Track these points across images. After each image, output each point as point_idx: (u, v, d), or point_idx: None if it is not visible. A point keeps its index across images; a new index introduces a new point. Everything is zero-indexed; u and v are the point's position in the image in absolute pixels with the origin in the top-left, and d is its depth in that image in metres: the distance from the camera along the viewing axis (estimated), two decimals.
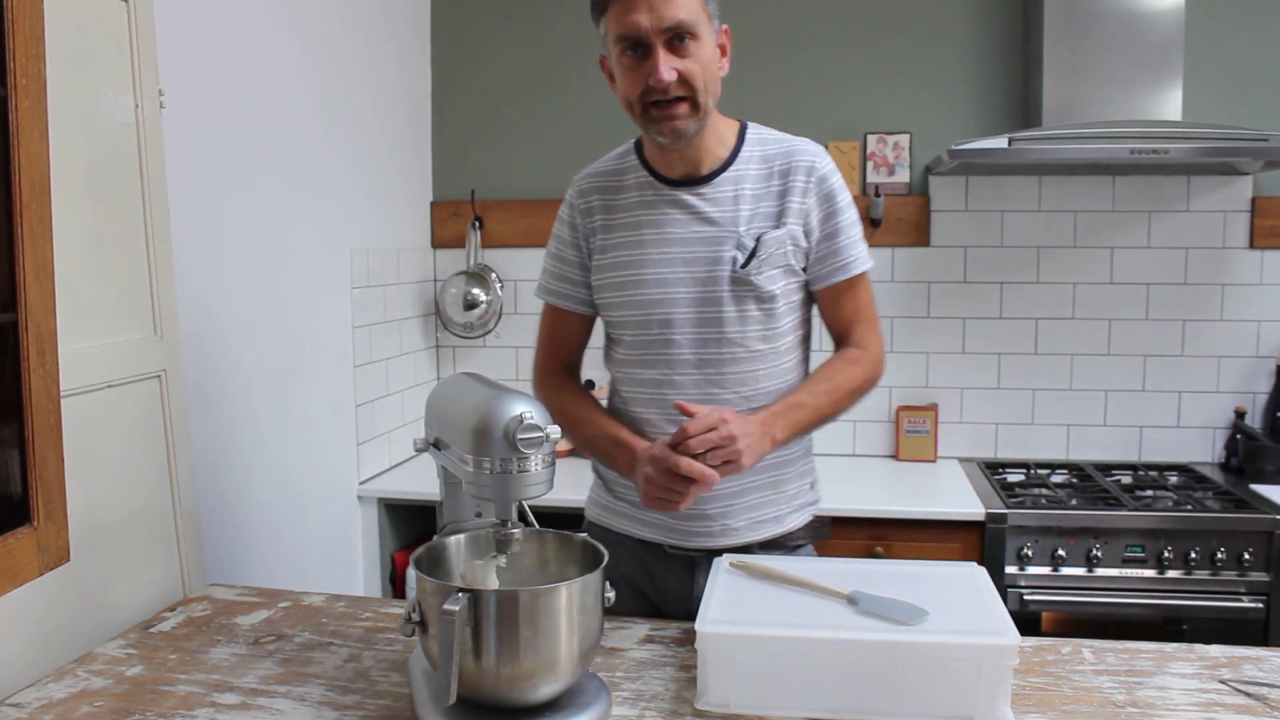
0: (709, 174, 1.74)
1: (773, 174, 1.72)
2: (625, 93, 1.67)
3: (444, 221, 3.42)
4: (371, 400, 2.96)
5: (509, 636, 1.24)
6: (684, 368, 1.72)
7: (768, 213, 1.71)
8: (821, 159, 1.74)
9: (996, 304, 3.18)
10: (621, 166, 1.82)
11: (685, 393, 1.71)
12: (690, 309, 1.71)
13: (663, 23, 1.58)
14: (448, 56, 3.39)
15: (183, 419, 1.87)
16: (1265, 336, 3.08)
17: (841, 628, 1.36)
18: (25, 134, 1.19)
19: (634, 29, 1.59)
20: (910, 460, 3.17)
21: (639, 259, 1.74)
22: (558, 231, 1.86)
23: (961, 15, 3.15)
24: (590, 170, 1.86)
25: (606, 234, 1.79)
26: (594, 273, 1.80)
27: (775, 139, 1.77)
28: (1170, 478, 2.98)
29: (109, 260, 1.70)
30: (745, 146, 1.75)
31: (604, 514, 1.87)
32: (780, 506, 1.78)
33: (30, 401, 1.23)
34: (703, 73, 1.62)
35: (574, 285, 1.84)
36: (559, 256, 1.86)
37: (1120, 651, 1.54)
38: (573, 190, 1.85)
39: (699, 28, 1.61)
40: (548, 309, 1.89)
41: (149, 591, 1.77)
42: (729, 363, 1.72)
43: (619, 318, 1.79)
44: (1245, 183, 3.04)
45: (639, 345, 1.76)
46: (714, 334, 1.71)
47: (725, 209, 1.71)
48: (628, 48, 1.62)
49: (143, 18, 1.76)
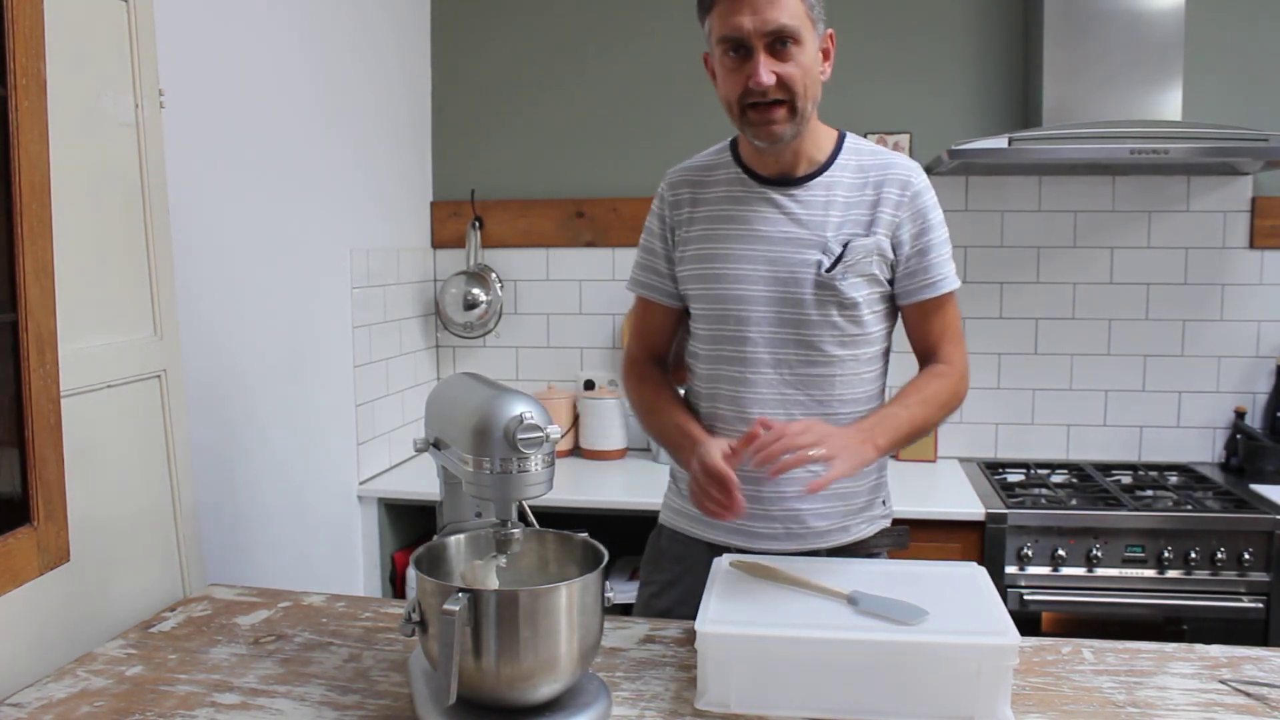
0: (802, 177, 1.74)
1: (867, 184, 1.73)
2: (725, 93, 1.68)
3: (444, 221, 3.42)
4: (371, 400, 2.96)
5: (509, 636, 1.24)
6: (759, 366, 1.73)
7: (858, 220, 1.71)
8: (918, 175, 1.75)
9: (996, 304, 3.18)
10: (715, 162, 1.83)
11: (759, 392, 1.73)
12: (769, 308, 1.72)
13: (765, 25, 1.59)
14: (448, 56, 3.39)
15: (183, 419, 1.87)
16: (1265, 336, 3.08)
17: (842, 628, 1.36)
18: (25, 134, 1.19)
19: (737, 30, 1.60)
20: (910, 460, 3.17)
21: (722, 253, 1.75)
22: (648, 224, 1.88)
23: (961, 15, 3.15)
24: (683, 165, 1.87)
25: (692, 226, 1.80)
26: (678, 262, 1.82)
27: (872, 150, 1.78)
28: (1170, 478, 2.97)
29: (109, 260, 1.70)
30: (842, 155, 1.76)
31: (676, 517, 1.88)
32: (848, 518, 1.79)
33: (30, 401, 1.23)
34: (803, 77, 1.63)
35: (660, 277, 1.86)
36: (648, 248, 1.88)
37: (1120, 651, 1.54)
38: (664, 184, 1.87)
39: (801, 32, 1.62)
40: (637, 301, 1.92)
41: (149, 591, 1.77)
42: (805, 364, 1.73)
43: (699, 310, 1.80)
44: (1245, 183, 3.04)
45: (716, 339, 1.77)
46: (792, 335, 1.72)
47: (815, 213, 1.72)
48: (730, 49, 1.63)
49: (143, 17, 1.76)
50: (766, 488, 1.71)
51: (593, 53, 3.31)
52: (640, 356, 1.91)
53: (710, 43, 1.69)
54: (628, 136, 3.29)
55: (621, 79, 3.30)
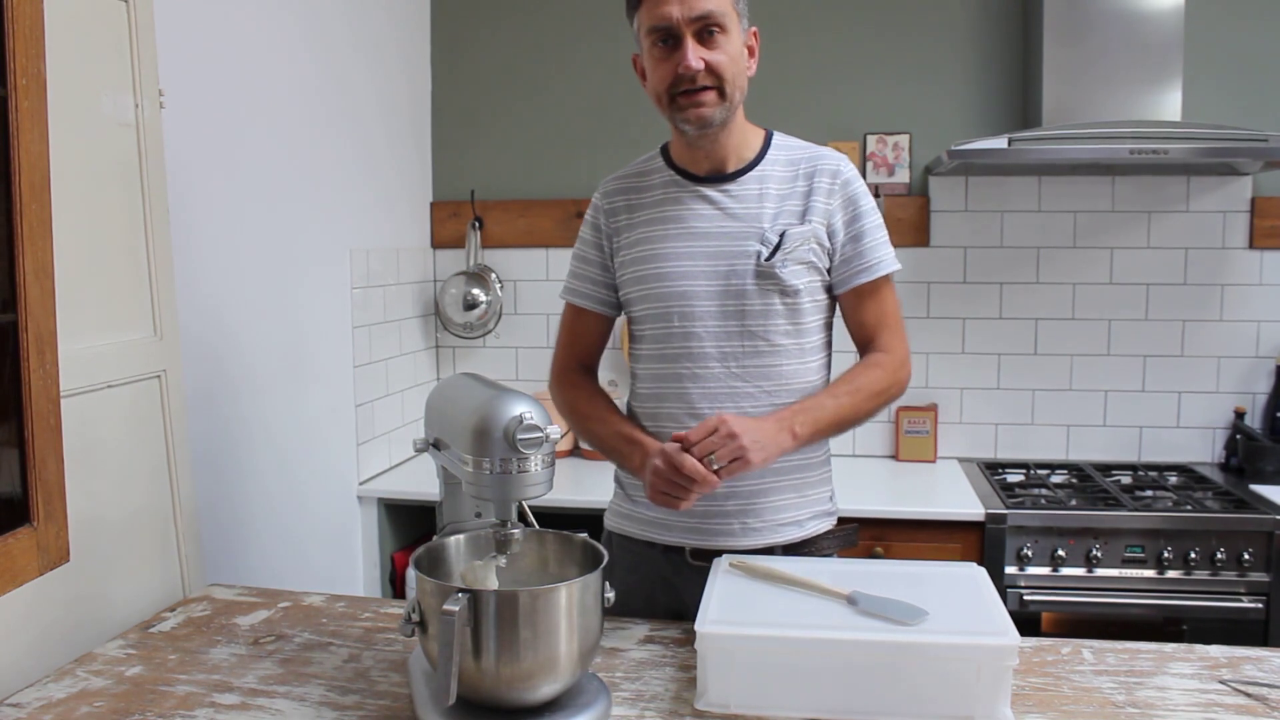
0: (734, 172, 1.78)
1: (798, 175, 1.77)
2: (655, 84, 1.72)
3: (444, 222, 3.42)
4: (371, 400, 2.96)
5: (509, 637, 1.24)
6: (706, 360, 1.74)
7: (792, 210, 1.74)
8: (846, 164, 1.78)
9: (996, 304, 3.18)
10: (648, 168, 1.86)
11: (706, 386, 1.74)
12: (713, 301, 1.73)
13: (693, 12, 1.64)
14: (448, 56, 3.39)
15: (182, 419, 1.87)
16: (1265, 336, 3.08)
17: (841, 628, 1.36)
18: (25, 134, 1.19)
19: (665, 19, 1.65)
20: (910, 461, 3.17)
21: (662, 252, 1.77)
22: (581, 234, 1.90)
23: (961, 15, 3.15)
24: (616, 174, 1.90)
25: (631, 231, 1.82)
26: (617, 269, 1.83)
27: (799, 145, 1.82)
28: (1170, 478, 2.97)
29: (109, 260, 1.70)
30: (771, 150, 1.80)
31: (625, 523, 1.87)
32: (800, 510, 1.79)
33: (30, 402, 1.23)
34: (730, 64, 1.68)
35: (595, 285, 1.87)
36: (581, 257, 1.89)
37: (1120, 652, 1.54)
38: (598, 193, 1.89)
39: (727, 20, 1.67)
40: (568, 308, 1.92)
41: (149, 592, 1.77)
42: (751, 355, 1.74)
43: (641, 311, 1.81)
44: (1244, 183, 3.04)
45: (660, 339, 1.78)
46: (736, 326, 1.73)
47: (750, 205, 1.75)
48: (659, 39, 1.68)
49: (143, 17, 1.77)
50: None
51: (592, 53, 3.31)
52: (570, 365, 1.91)
53: (639, 39, 1.74)
54: (627, 136, 3.29)
55: (620, 79, 3.29)
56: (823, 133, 3.15)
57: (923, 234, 3.15)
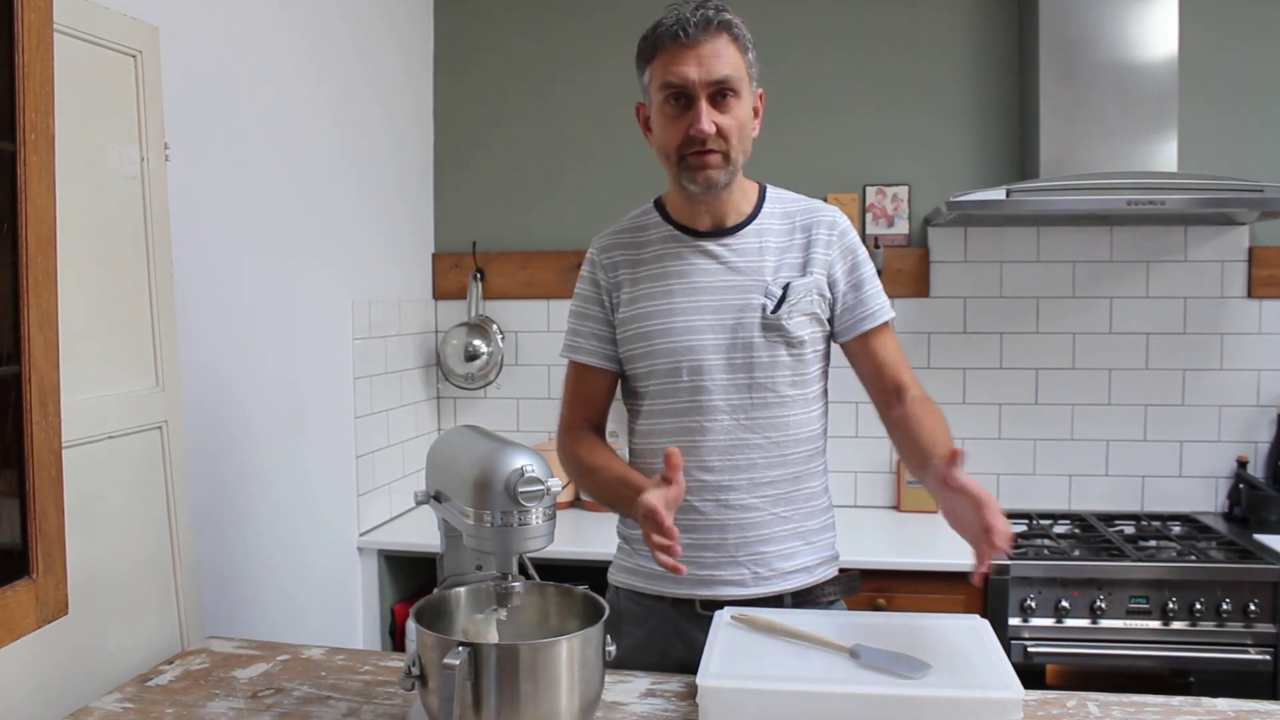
0: (733, 226, 1.80)
1: (795, 228, 1.80)
2: (664, 142, 1.73)
3: (445, 273, 3.44)
4: (372, 451, 2.95)
5: (509, 691, 1.23)
6: (715, 414, 1.75)
7: (793, 263, 1.77)
8: (840, 216, 1.82)
9: (996, 354, 3.19)
10: (644, 223, 1.87)
11: (717, 439, 1.75)
12: (720, 355, 1.74)
13: (710, 76, 1.66)
14: (450, 109, 3.43)
15: (183, 470, 1.86)
16: (1265, 385, 3.08)
17: (843, 681, 1.35)
18: (33, 188, 1.20)
19: (681, 79, 1.67)
20: (912, 511, 3.16)
21: (667, 308, 1.77)
22: (580, 290, 1.89)
23: (958, 69, 3.19)
24: (611, 229, 1.91)
25: (633, 286, 1.82)
26: (619, 326, 1.83)
27: (793, 198, 1.86)
28: (1173, 528, 2.96)
29: (112, 311, 1.71)
30: (767, 204, 1.83)
31: (631, 578, 1.85)
32: (808, 557, 1.79)
33: (32, 454, 1.23)
34: (738, 129, 1.71)
35: (599, 341, 1.86)
36: (582, 314, 1.88)
37: (1126, 705, 1.53)
38: (594, 248, 1.89)
39: (741, 86, 1.69)
40: (572, 367, 1.90)
41: (146, 644, 1.76)
42: (760, 407, 1.75)
43: (645, 368, 1.80)
44: (1242, 232, 3.06)
45: (667, 393, 1.78)
46: (744, 379, 1.74)
47: (751, 258, 1.77)
48: (672, 96, 1.69)
49: (150, 71, 1.79)
50: (731, 534, 1.74)
51: (594, 105, 3.35)
52: (575, 423, 1.87)
53: (647, 91, 1.76)
54: (628, 189, 3.31)
55: (622, 132, 3.33)
56: (822, 185, 3.17)
57: (923, 284, 3.17)
